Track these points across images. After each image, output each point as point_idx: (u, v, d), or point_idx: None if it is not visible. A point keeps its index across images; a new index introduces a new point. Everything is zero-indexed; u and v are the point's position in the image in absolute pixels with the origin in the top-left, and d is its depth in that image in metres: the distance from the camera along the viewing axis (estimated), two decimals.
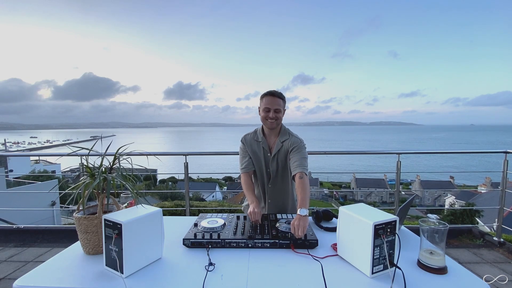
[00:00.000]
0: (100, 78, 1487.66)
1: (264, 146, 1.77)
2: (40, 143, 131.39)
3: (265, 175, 1.81)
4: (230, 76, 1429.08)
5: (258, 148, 1.79)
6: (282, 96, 1.69)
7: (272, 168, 1.78)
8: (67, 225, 4.71)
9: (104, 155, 1.25)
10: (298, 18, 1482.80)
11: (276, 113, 1.65)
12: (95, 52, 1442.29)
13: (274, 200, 1.85)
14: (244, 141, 1.83)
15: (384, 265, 1.03)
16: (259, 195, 1.89)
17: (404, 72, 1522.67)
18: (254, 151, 1.80)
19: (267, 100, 1.67)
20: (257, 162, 1.81)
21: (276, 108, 1.65)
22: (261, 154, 1.79)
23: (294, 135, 1.76)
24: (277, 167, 1.78)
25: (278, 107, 1.66)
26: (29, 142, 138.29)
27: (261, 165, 1.81)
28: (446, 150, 4.67)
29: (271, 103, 1.65)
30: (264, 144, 1.77)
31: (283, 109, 1.70)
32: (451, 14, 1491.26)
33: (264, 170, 1.80)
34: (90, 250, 1.21)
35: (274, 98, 1.66)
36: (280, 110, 1.67)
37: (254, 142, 1.81)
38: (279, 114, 1.67)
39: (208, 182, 38.23)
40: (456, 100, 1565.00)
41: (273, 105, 1.65)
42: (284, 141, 1.73)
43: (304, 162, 1.65)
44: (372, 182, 44.43)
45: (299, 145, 1.70)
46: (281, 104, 1.68)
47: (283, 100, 1.70)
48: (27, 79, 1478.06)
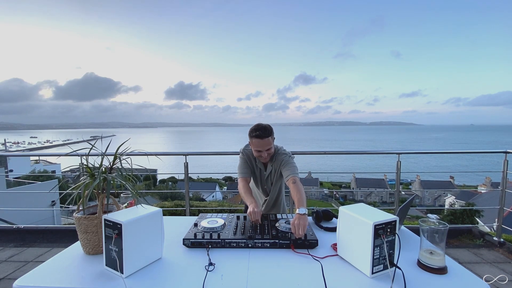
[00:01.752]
0: (102, 78, 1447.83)
1: (260, 167, 1.89)
2: (40, 143, 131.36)
3: (261, 191, 1.98)
4: (231, 76, 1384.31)
5: (256, 166, 1.90)
6: (269, 132, 1.72)
7: (268, 185, 1.93)
8: (67, 225, 4.71)
9: (104, 155, 1.25)
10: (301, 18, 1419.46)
11: (268, 151, 1.73)
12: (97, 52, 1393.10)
13: (268, 204, 2.00)
14: (245, 154, 1.88)
15: (384, 265, 1.03)
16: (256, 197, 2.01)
17: (406, 72, 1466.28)
18: (253, 167, 1.90)
19: (256, 143, 1.71)
20: (254, 178, 1.93)
21: (267, 148, 1.72)
22: (258, 172, 1.91)
23: (281, 152, 1.83)
24: (272, 181, 1.92)
25: (269, 146, 1.72)
26: (29, 142, 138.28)
27: (257, 182, 1.95)
28: (446, 150, 4.67)
29: (261, 145, 1.70)
30: (260, 164, 1.88)
31: (272, 143, 1.77)
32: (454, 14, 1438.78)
33: (261, 187, 1.96)
34: (90, 250, 1.21)
35: (263, 140, 1.69)
36: (270, 148, 1.73)
37: (253, 158, 1.88)
38: (270, 151, 1.75)
39: (208, 182, 38.22)
40: (457, 100, 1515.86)
41: (264, 146, 1.70)
42: (272, 164, 1.85)
43: (295, 169, 1.74)
44: (372, 182, 44.41)
45: (286, 159, 1.79)
46: (270, 141, 1.73)
47: (271, 135, 1.74)
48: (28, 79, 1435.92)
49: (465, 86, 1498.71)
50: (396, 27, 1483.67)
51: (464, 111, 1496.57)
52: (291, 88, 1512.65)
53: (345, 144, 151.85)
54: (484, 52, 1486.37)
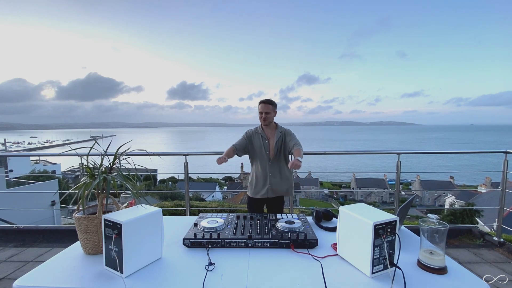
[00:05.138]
0: (105, 78, 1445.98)
1: (262, 135, 2.42)
2: (40, 143, 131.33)
3: (265, 156, 2.40)
4: (235, 76, 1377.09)
5: (258, 137, 2.43)
6: (272, 102, 2.39)
7: (273, 150, 2.39)
8: (67, 225, 4.71)
9: (105, 155, 1.25)
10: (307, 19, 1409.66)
11: (266, 114, 2.36)
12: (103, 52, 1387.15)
13: (274, 175, 2.39)
14: (246, 133, 2.48)
15: (384, 265, 1.03)
16: (262, 174, 2.40)
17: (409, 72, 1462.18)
18: (254, 140, 2.44)
19: (260, 107, 2.39)
20: (258, 147, 2.41)
21: (266, 111, 2.36)
22: (260, 141, 2.41)
23: (290, 132, 2.45)
24: (277, 149, 2.39)
25: (268, 111, 2.36)
26: (29, 142, 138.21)
27: (261, 149, 2.40)
28: (446, 150, 4.67)
29: (262, 108, 2.37)
30: (262, 134, 2.43)
31: (272, 111, 2.39)
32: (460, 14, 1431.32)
33: (264, 152, 2.40)
34: (90, 250, 1.21)
35: (265, 104, 2.37)
36: (269, 112, 2.37)
37: (255, 134, 2.46)
38: (268, 115, 2.37)
39: (208, 182, 38.20)
40: (458, 100, 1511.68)
41: (264, 109, 2.36)
42: (281, 131, 2.43)
43: (298, 141, 2.34)
44: (372, 182, 44.42)
45: (291, 133, 2.44)
46: (270, 108, 2.37)
47: (272, 105, 2.39)
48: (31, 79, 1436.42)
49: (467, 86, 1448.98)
50: (403, 27, 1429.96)
51: (465, 111, 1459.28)
52: (293, 88, 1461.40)
53: (345, 144, 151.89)
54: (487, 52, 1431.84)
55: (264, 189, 2.38)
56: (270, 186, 2.37)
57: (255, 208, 2.45)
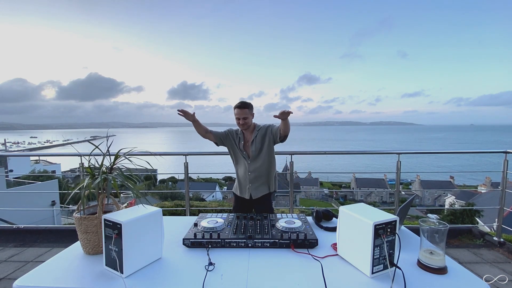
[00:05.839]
0: (105, 78, 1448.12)
1: (240, 137, 2.29)
2: (40, 143, 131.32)
3: (241, 156, 2.30)
4: (235, 76, 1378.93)
5: (236, 138, 2.31)
6: (247, 105, 2.18)
7: (252, 149, 2.26)
8: (67, 225, 4.71)
9: (105, 155, 1.25)
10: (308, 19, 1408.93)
11: (244, 120, 2.17)
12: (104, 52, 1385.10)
13: (254, 173, 2.27)
14: (228, 130, 2.38)
15: (384, 265, 1.03)
16: (243, 175, 2.32)
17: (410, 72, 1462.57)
18: (233, 139, 2.33)
19: (236, 112, 2.18)
20: (233, 149, 2.32)
21: (244, 117, 2.16)
22: (237, 142, 2.30)
23: (263, 125, 2.31)
24: (255, 148, 2.25)
25: (245, 115, 2.16)
26: (29, 142, 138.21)
27: (236, 150, 2.31)
28: (446, 150, 4.67)
29: (239, 114, 2.16)
30: (240, 135, 2.30)
31: (250, 115, 2.19)
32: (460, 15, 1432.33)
33: (240, 153, 2.29)
34: (90, 250, 1.21)
35: (240, 110, 2.16)
36: (247, 117, 2.17)
37: (235, 134, 2.33)
38: (246, 120, 2.18)
39: (208, 182, 38.19)
40: (459, 100, 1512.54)
41: (240, 115, 2.16)
42: (259, 130, 2.27)
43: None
44: (372, 182, 44.41)
45: (272, 126, 2.26)
46: (247, 112, 2.17)
47: (249, 108, 2.18)
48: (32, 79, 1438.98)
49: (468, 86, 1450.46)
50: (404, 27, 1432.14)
51: (465, 111, 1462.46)
52: (294, 88, 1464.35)
53: (345, 144, 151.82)
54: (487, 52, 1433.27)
55: (246, 190, 2.30)
56: (250, 185, 2.28)
57: (242, 209, 2.40)
